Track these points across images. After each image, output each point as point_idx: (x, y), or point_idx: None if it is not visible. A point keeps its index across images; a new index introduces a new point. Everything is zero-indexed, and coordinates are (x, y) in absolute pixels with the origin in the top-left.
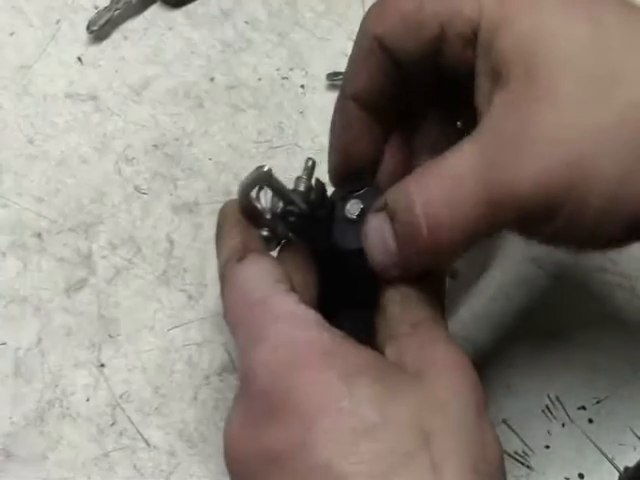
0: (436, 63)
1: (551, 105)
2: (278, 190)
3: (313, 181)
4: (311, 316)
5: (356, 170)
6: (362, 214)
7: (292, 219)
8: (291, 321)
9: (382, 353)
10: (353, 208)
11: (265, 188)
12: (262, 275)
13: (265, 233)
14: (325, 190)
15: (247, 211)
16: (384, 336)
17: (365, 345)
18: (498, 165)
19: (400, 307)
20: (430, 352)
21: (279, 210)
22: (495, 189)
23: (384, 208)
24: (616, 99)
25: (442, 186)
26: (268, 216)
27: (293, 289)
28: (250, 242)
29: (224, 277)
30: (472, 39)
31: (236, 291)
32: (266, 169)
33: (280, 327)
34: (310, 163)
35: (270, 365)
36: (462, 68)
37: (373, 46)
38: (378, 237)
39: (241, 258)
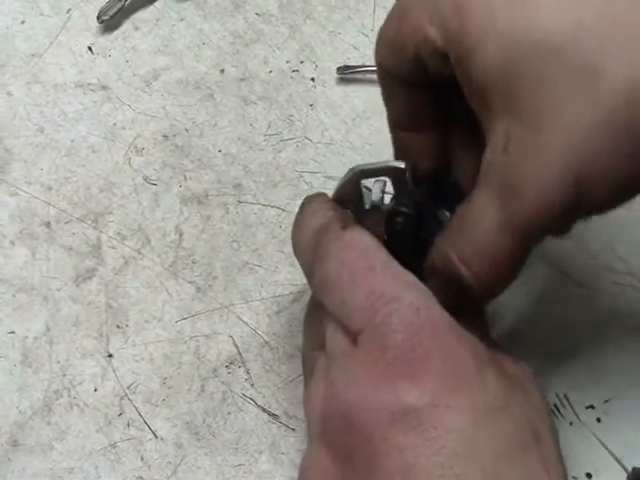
0: (429, 77)
1: (537, 129)
2: (399, 187)
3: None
4: (430, 292)
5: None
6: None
7: (400, 219)
8: (416, 291)
9: None
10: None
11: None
12: (376, 244)
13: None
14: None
15: (342, 197)
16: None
17: None
18: (513, 208)
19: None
20: (519, 366)
21: (388, 206)
22: (518, 226)
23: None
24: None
25: (471, 242)
26: (367, 207)
27: None
28: (347, 217)
29: (325, 244)
30: (446, 56)
31: (352, 252)
32: (404, 166)
33: (408, 294)
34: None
35: (402, 327)
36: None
37: (383, 74)
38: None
39: (345, 227)
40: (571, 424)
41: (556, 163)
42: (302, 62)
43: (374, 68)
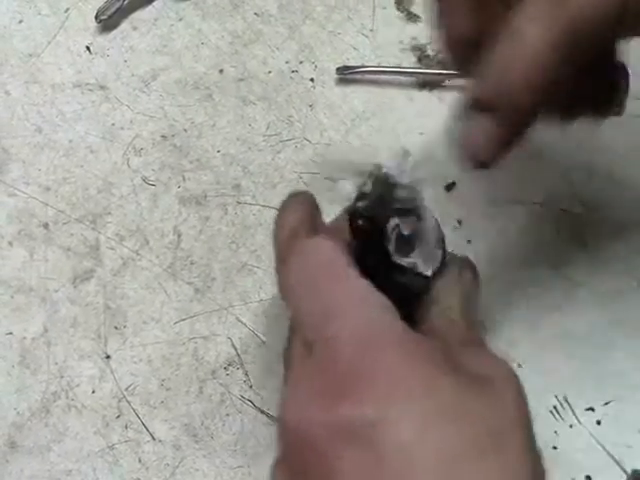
0: None
1: None
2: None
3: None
4: (388, 303)
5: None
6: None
7: (360, 221)
8: (371, 304)
9: None
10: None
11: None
12: (336, 254)
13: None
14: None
15: None
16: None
17: None
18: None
19: (449, 325)
20: (490, 363)
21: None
22: (566, 15)
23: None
24: None
25: (517, 35)
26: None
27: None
28: (318, 220)
29: (291, 248)
30: None
31: (312, 261)
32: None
33: (361, 308)
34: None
35: (352, 341)
36: None
37: None
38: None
39: (309, 234)
40: (571, 426)
41: None
42: (301, 62)
43: (374, 68)
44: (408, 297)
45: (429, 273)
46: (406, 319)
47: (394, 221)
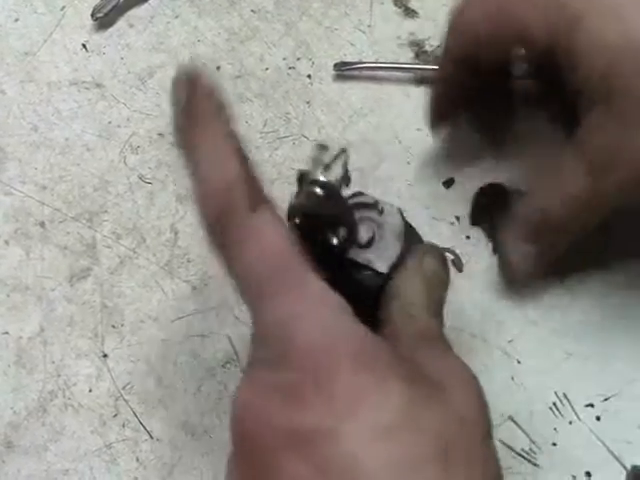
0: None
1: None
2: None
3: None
4: (343, 304)
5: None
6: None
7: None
8: (327, 306)
9: None
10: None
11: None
12: (286, 243)
13: None
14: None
15: None
16: (394, 344)
17: None
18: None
19: (408, 320)
20: (448, 367)
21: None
22: (604, 198)
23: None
24: None
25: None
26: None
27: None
28: (256, 182)
29: (234, 223)
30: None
31: (260, 252)
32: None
33: (317, 311)
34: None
35: (306, 348)
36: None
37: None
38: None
39: (253, 207)
40: (570, 423)
41: None
42: (298, 59)
43: (371, 64)
44: (366, 293)
45: (384, 270)
46: (367, 316)
47: (351, 215)
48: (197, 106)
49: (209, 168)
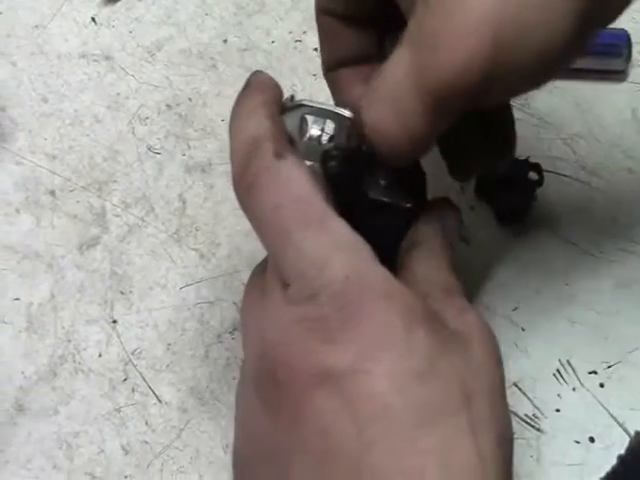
0: None
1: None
2: (339, 133)
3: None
4: (368, 248)
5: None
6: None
7: (334, 163)
8: (353, 251)
9: None
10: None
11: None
12: (312, 187)
13: None
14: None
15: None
16: (416, 293)
17: None
18: (428, 62)
19: (429, 270)
20: (468, 319)
21: (325, 146)
22: (431, 83)
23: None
24: None
25: (385, 99)
26: (305, 139)
27: None
28: (283, 137)
29: (256, 170)
30: None
31: (286, 196)
32: (348, 114)
33: (342, 254)
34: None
35: (332, 291)
36: None
37: None
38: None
39: (279, 155)
40: (574, 389)
41: (474, 15)
42: (305, 32)
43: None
44: (388, 240)
45: (409, 205)
46: (386, 265)
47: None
48: (245, 86)
49: (242, 122)
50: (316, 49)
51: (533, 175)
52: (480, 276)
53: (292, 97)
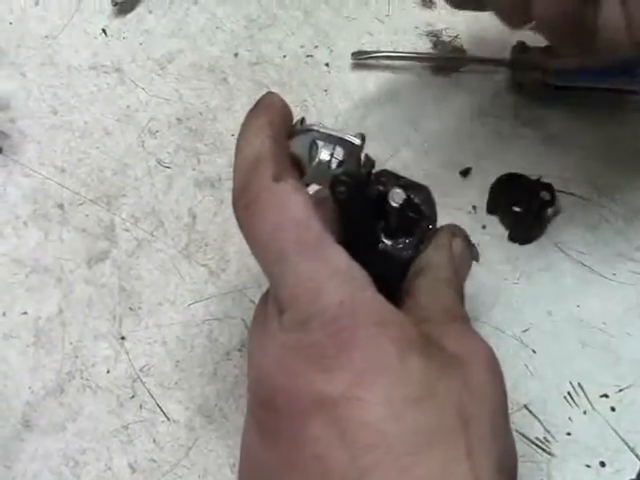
0: None
1: None
2: (349, 160)
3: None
4: (365, 275)
5: None
6: (406, 205)
7: (342, 188)
8: (348, 278)
9: None
10: (397, 197)
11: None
12: (310, 212)
13: None
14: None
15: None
16: (415, 317)
17: None
18: None
19: (432, 297)
20: (468, 342)
21: (334, 171)
22: None
23: None
24: None
25: None
26: (313, 164)
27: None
28: (283, 159)
29: (255, 191)
30: None
31: (283, 218)
32: (359, 142)
33: (338, 281)
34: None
35: (327, 317)
36: None
37: None
38: None
39: (278, 177)
40: (585, 413)
41: None
42: (316, 47)
43: (389, 54)
44: (396, 266)
45: (415, 242)
46: (391, 290)
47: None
48: (255, 106)
49: (247, 141)
50: (327, 64)
51: (545, 195)
52: (491, 296)
53: (303, 120)
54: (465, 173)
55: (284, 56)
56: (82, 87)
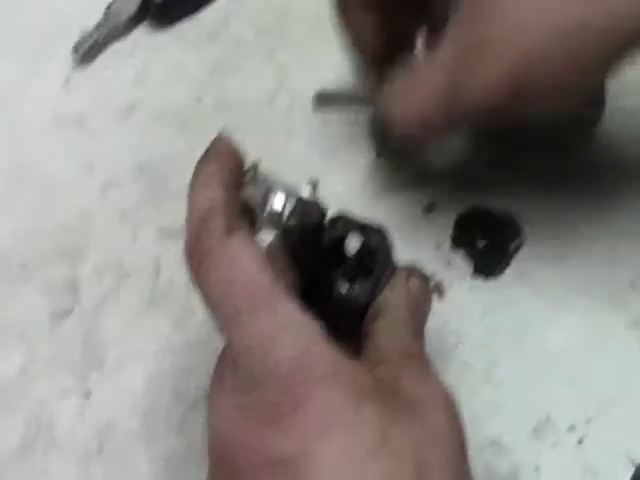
0: None
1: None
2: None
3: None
4: (317, 327)
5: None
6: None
7: (294, 239)
8: (300, 331)
9: None
10: (352, 244)
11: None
12: (260, 266)
13: None
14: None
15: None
16: (374, 360)
17: None
18: (462, 70)
19: (390, 338)
20: (425, 385)
21: (284, 223)
22: (459, 88)
23: None
24: None
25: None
26: (265, 214)
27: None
28: (235, 210)
29: (210, 244)
30: None
31: (236, 275)
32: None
33: (290, 338)
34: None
35: (277, 373)
36: None
37: None
38: None
39: (229, 231)
40: (554, 445)
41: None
42: (279, 89)
43: (352, 94)
44: (351, 312)
45: (371, 287)
46: (352, 334)
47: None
48: (205, 153)
49: (198, 191)
50: (290, 106)
51: (509, 228)
52: (456, 332)
53: (255, 167)
54: (429, 209)
55: (247, 100)
56: (44, 141)
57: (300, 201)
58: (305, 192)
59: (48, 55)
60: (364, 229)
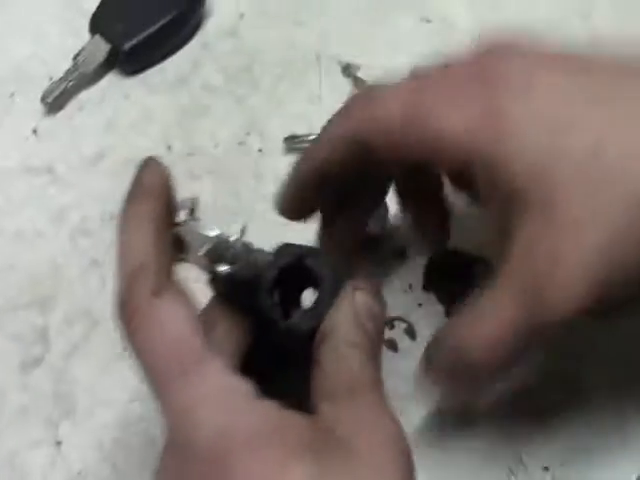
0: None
1: (573, 231)
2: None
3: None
4: (243, 389)
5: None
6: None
7: (220, 284)
8: (227, 398)
9: (315, 410)
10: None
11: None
12: (190, 329)
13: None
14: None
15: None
16: (320, 394)
17: (296, 406)
18: (535, 297)
19: (337, 368)
20: (368, 426)
21: (209, 268)
22: (535, 319)
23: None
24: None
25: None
26: (200, 253)
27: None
28: (166, 264)
29: (136, 305)
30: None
31: (159, 344)
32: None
33: (215, 408)
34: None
35: (206, 438)
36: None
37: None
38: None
39: (158, 291)
40: None
41: (583, 272)
42: (248, 134)
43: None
44: (298, 341)
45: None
46: (308, 363)
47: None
48: (135, 186)
49: (127, 238)
50: (260, 150)
51: (480, 268)
52: None
53: (192, 210)
54: (401, 251)
55: (217, 145)
56: (14, 190)
57: (227, 246)
58: (233, 237)
59: (16, 104)
60: (305, 254)
